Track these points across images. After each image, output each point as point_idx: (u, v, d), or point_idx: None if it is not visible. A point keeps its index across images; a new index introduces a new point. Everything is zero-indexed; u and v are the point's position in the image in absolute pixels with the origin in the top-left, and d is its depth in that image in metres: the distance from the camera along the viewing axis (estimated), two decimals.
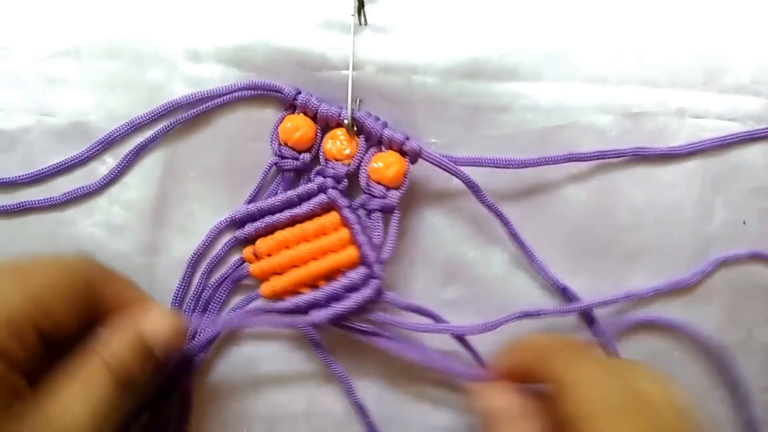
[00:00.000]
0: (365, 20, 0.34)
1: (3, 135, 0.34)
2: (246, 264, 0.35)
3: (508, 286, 0.36)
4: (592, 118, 0.35)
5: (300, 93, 0.34)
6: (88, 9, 0.34)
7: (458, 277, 0.36)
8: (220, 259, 0.35)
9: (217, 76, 0.34)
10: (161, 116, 0.34)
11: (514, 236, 0.35)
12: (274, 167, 0.35)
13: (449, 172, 0.34)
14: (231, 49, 0.34)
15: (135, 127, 0.34)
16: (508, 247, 0.36)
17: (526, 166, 0.34)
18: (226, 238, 0.35)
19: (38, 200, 0.35)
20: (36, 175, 0.35)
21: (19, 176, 0.35)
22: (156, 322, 0.29)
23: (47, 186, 0.35)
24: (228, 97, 0.34)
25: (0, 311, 0.25)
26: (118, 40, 0.34)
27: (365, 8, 0.33)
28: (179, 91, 0.34)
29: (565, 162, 0.35)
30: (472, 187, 0.34)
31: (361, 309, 0.34)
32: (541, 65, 0.35)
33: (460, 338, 0.35)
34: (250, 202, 0.35)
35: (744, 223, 0.36)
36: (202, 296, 0.35)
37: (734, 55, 0.35)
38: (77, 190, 0.35)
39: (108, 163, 0.35)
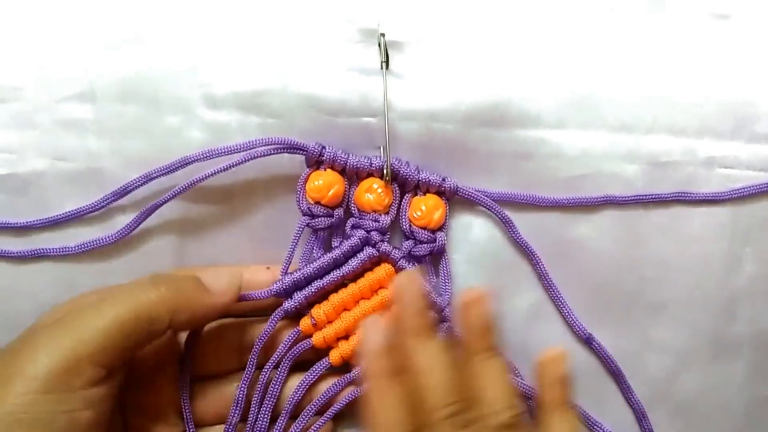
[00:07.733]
0: (387, 66, 0.33)
1: (16, 178, 0.34)
2: (301, 337, 0.33)
3: (528, 337, 0.35)
4: (618, 167, 0.34)
5: (325, 148, 0.33)
6: (105, 51, 0.33)
7: None
8: (269, 336, 0.32)
9: (234, 123, 0.33)
10: (176, 168, 0.33)
11: (544, 277, 0.34)
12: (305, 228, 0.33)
13: (485, 208, 0.34)
14: (249, 95, 0.33)
15: (150, 179, 0.33)
16: (528, 297, 0.35)
17: (560, 205, 0.34)
18: None
19: (54, 248, 0.34)
20: (51, 220, 0.34)
21: (34, 221, 0.34)
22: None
23: (62, 232, 0.34)
24: (247, 154, 0.32)
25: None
26: (134, 84, 0.33)
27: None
28: (195, 137, 0.33)
29: (601, 204, 0.34)
30: (507, 223, 0.34)
31: None
32: (565, 112, 0.34)
33: None
34: (286, 270, 0.33)
35: None
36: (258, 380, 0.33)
37: (765, 103, 0.34)
38: (94, 241, 0.34)
39: (125, 210, 0.34)
